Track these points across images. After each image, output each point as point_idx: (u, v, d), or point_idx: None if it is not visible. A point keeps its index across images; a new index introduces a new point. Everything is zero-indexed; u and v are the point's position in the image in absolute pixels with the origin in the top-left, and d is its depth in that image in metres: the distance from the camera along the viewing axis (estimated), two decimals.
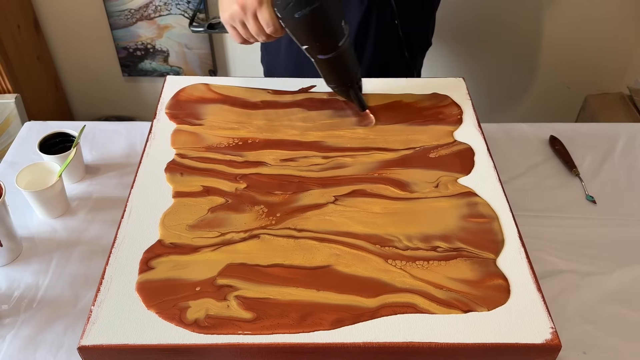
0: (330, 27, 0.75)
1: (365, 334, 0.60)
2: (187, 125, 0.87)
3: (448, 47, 1.84)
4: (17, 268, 0.82)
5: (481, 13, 1.74)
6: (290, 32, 0.76)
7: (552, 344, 0.59)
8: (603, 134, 1.08)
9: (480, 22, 1.76)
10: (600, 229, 0.90)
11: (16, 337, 0.74)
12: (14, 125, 1.72)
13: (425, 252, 0.69)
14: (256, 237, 0.70)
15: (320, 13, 0.72)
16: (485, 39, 1.79)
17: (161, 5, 1.81)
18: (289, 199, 0.75)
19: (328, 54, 0.77)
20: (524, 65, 1.93)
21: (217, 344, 0.59)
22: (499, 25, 1.78)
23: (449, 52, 1.86)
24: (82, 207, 0.92)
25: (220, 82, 0.96)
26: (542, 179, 0.99)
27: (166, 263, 0.67)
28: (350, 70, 0.82)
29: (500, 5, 1.71)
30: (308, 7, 0.71)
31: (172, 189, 0.77)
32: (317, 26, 0.74)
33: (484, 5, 1.72)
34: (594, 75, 1.95)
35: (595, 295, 0.80)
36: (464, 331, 0.60)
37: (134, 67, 1.98)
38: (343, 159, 0.81)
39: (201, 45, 1.90)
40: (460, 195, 0.76)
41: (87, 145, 1.03)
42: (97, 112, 2.12)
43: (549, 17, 1.81)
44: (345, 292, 0.64)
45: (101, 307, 0.62)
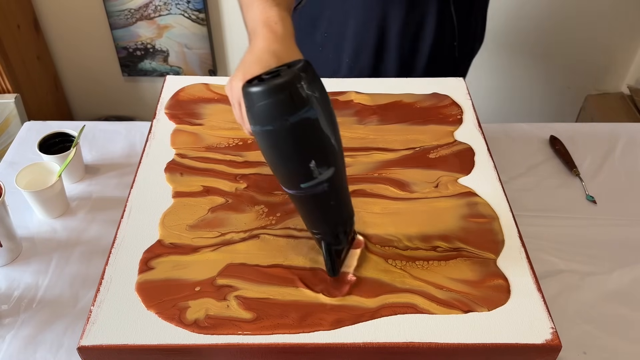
0: (286, 161, 0.58)
1: (365, 334, 0.60)
2: (186, 125, 0.87)
3: None
4: (16, 268, 0.82)
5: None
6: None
7: (552, 344, 0.59)
8: (603, 134, 1.08)
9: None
10: (600, 229, 0.90)
11: (16, 337, 0.74)
12: (13, 125, 1.72)
13: (425, 252, 0.69)
14: (256, 237, 0.70)
15: (272, 139, 0.56)
16: (486, 40, 1.79)
17: (161, 5, 1.81)
18: (289, 199, 0.75)
19: (287, 189, 0.61)
20: (524, 65, 1.93)
21: (217, 344, 0.59)
22: (499, 25, 1.78)
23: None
24: (81, 207, 0.92)
25: (220, 82, 0.96)
26: (542, 179, 0.99)
27: (166, 263, 0.67)
28: (317, 220, 0.64)
29: (500, 5, 1.71)
30: (260, 126, 0.56)
31: (172, 189, 0.76)
32: (268, 152, 0.58)
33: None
34: (594, 75, 1.95)
35: (596, 295, 0.80)
36: (464, 331, 0.60)
37: (133, 67, 1.98)
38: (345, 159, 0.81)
39: (201, 45, 1.90)
40: (460, 195, 0.76)
41: (87, 145, 1.03)
42: (96, 112, 2.12)
43: (548, 17, 1.81)
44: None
45: (101, 307, 0.62)
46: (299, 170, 0.58)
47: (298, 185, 0.59)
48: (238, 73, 0.62)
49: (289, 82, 0.53)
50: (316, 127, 0.56)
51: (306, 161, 0.57)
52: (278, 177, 0.61)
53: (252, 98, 0.55)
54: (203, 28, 1.85)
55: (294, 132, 0.55)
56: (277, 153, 0.58)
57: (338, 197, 0.62)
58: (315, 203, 0.61)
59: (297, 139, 0.56)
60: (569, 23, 1.82)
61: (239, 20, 2.10)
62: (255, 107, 0.55)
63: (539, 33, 1.85)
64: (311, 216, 0.64)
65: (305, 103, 0.54)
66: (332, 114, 0.58)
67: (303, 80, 0.54)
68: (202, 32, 1.86)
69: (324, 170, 0.58)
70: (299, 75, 0.54)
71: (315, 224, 0.64)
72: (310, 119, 0.55)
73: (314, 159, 0.57)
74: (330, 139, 0.57)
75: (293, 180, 0.59)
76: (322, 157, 0.57)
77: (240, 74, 0.61)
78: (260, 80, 0.56)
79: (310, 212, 0.63)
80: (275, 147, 0.57)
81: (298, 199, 0.61)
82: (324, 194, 0.60)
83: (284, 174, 0.60)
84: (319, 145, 0.57)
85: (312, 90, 0.55)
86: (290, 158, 0.57)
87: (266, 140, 0.57)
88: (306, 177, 0.58)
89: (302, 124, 0.54)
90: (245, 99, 0.56)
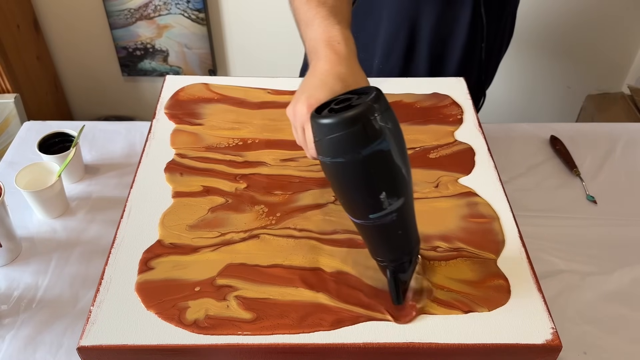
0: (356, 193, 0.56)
1: (365, 334, 0.60)
2: (186, 125, 0.87)
3: None
4: (16, 268, 0.82)
5: None
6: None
7: (553, 344, 0.59)
8: (603, 134, 1.08)
9: None
10: (600, 229, 0.90)
11: (16, 337, 0.74)
12: (13, 125, 1.72)
13: (426, 252, 0.69)
14: (256, 237, 0.70)
15: (342, 172, 0.55)
16: None
17: (161, 4, 1.81)
18: (289, 199, 0.75)
19: (354, 218, 0.59)
20: (524, 65, 1.93)
21: (216, 344, 0.59)
22: None
23: None
24: (81, 207, 0.92)
25: (220, 82, 0.96)
26: (542, 179, 0.99)
27: (166, 263, 0.67)
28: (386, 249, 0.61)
29: None
30: (330, 157, 0.54)
31: (171, 189, 0.76)
32: (337, 183, 0.57)
33: None
34: (594, 75, 1.95)
35: (596, 295, 0.80)
36: (465, 331, 0.60)
37: (133, 67, 1.98)
38: None
39: (201, 45, 1.90)
40: (460, 195, 0.76)
41: (87, 145, 1.03)
42: (96, 112, 2.12)
43: (548, 17, 1.81)
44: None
45: (100, 307, 0.62)
46: (369, 201, 0.56)
47: (367, 216, 0.57)
48: (301, 97, 0.60)
49: (363, 114, 0.51)
50: (388, 159, 0.54)
51: (376, 193, 0.55)
52: (345, 206, 0.59)
53: (322, 129, 0.53)
54: (203, 28, 1.85)
55: (366, 165, 0.53)
56: (346, 184, 0.56)
57: (405, 226, 0.59)
58: (382, 233, 0.59)
59: (368, 171, 0.53)
60: (569, 23, 1.82)
61: (239, 20, 2.10)
62: (325, 138, 0.53)
63: (539, 33, 1.85)
64: (377, 245, 0.61)
65: (378, 135, 0.52)
66: (403, 144, 0.56)
67: (376, 112, 0.52)
68: (202, 32, 1.86)
69: (394, 201, 0.56)
70: (372, 107, 0.52)
71: (380, 252, 0.61)
72: (383, 151, 0.53)
73: (384, 190, 0.55)
74: (401, 169, 0.55)
75: (361, 211, 0.57)
76: (392, 189, 0.55)
77: (304, 99, 0.59)
78: (331, 111, 0.54)
79: (377, 241, 0.61)
80: (345, 178, 0.55)
81: (364, 228, 0.59)
82: (392, 223, 0.57)
83: (352, 205, 0.58)
84: (390, 176, 0.55)
85: (385, 122, 0.52)
86: (360, 190, 0.55)
87: (335, 171, 0.55)
88: (375, 208, 0.56)
89: (374, 156, 0.52)
90: (315, 129, 0.54)
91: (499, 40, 1.09)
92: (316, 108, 0.56)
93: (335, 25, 0.65)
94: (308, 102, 0.58)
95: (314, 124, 0.54)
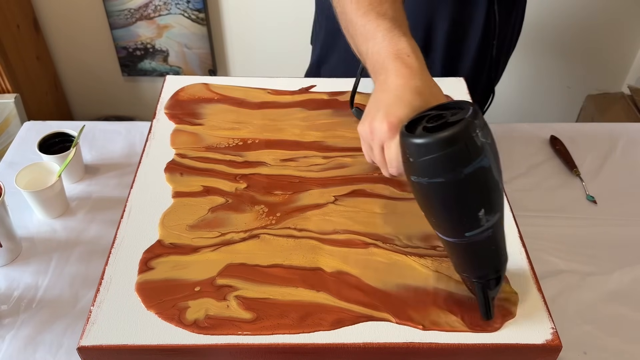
0: (454, 212, 0.54)
1: (365, 334, 0.60)
2: (186, 125, 0.87)
3: None
4: (16, 268, 0.82)
5: None
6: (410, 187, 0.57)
7: (553, 344, 0.59)
8: (603, 134, 1.08)
9: None
10: (600, 229, 0.90)
11: (16, 337, 0.74)
12: (13, 125, 1.72)
13: (426, 251, 0.69)
14: (256, 237, 0.70)
15: (441, 191, 0.53)
16: None
17: (161, 4, 1.81)
18: (289, 199, 0.75)
19: (447, 237, 0.57)
20: (524, 65, 1.93)
21: (216, 344, 0.59)
22: None
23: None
24: (81, 207, 0.92)
25: (220, 82, 0.96)
26: (542, 179, 0.99)
27: (166, 263, 0.67)
28: (478, 266, 0.59)
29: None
30: (427, 178, 0.52)
31: (171, 189, 0.76)
32: (433, 203, 0.55)
33: None
34: (594, 75, 1.95)
35: (596, 295, 0.80)
36: (464, 331, 0.60)
37: (133, 67, 1.98)
38: (343, 159, 0.81)
39: (201, 45, 1.90)
40: None
41: (87, 145, 1.03)
42: (96, 112, 2.12)
43: (548, 17, 1.81)
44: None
45: (100, 307, 0.62)
46: (466, 220, 0.54)
47: (462, 235, 0.55)
48: (377, 114, 0.57)
49: (465, 131, 0.49)
50: (488, 175, 0.52)
51: (476, 211, 0.53)
52: (437, 225, 0.57)
53: (420, 150, 0.50)
54: (203, 28, 1.85)
55: (467, 184, 0.51)
56: (444, 204, 0.54)
57: (497, 242, 0.57)
58: (475, 250, 0.57)
59: (468, 189, 0.52)
60: (569, 23, 1.82)
61: (239, 20, 2.09)
62: (423, 159, 0.51)
63: (539, 33, 1.85)
64: (468, 262, 0.59)
65: (480, 153, 0.50)
66: (499, 157, 0.54)
67: (477, 128, 0.50)
68: (202, 32, 1.86)
69: (491, 217, 0.54)
70: (473, 123, 0.50)
71: (470, 269, 0.59)
72: (484, 168, 0.51)
73: (483, 207, 0.53)
74: (499, 184, 0.53)
75: (457, 230, 0.55)
76: (491, 205, 0.53)
77: (382, 116, 0.57)
78: (425, 129, 0.52)
79: (469, 258, 0.59)
80: (443, 198, 0.53)
81: (456, 246, 0.57)
82: (487, 239, 0.55)
83: (447, 224, 0.56)
84: (489, 192, 0.53)
85: (485, 137, 0.51)
86: (458, 209, 0.54)
87: (433, 191, 0.53)
88: (472, 225, 0.54)
89: (475, 174, 0.51)
90: (409, 149, 0.52)
91: (509, 36, 1.08)
92: (405, 126, 0.54)
93: (401, 37, 0.62)
94: (388, 120, 0.56)
95: (408, 144, 0.52)
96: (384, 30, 0.63)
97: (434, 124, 0.52)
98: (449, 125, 0.50)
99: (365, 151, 0.64)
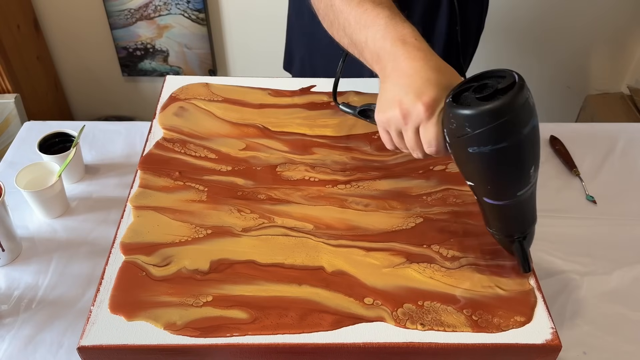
0: (513, 173, 0.57)
1: (365, 334, 0.60)
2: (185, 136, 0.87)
3: None
4: (16, 268, 0.82)
5: None
6: (455, 161, 0.60)
7: (553, 344, 0.59)
8: (603, 134, 1.08)
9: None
10: (600, 229, 0.90)
11: (16, 337, 0.74)
12: (13, 125, 1.72)
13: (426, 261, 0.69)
14: (256, 237, 0.70)
15: (504, 156, 0.55)
16: (485, 39, 1.79)
17: (161, 5, 1.81)
18: (289, 198, 0.75)
19: (498, 201, 0.60)
20: (524, 65, 1.93)
21: (216, 344, 0.59)
22: (499, 25, 1.78)
23: None
24: (81, 207, 0.92)
25: (220, 82, 0.96)
26: (542, 179, 0.98)
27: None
28: (521, 222, 0.63)
29: (500, 5, 1.71)
30: (491, 145, 0.54)
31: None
32: (495, 169, 0.57)
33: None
34: (594, 75, 1.95)
35: (596, 295, 0.80)
36: (464, 331, 0.60)
37: (133, 67, 1.98)
38: (343, 158, 0.81)
39: (201, 45, 1.90)
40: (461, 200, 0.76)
41: (87, 145, 1.03)
42: (96, 112, 2.12)
43: (548, 16, 1.81)
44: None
45: (101, 307, 0.62)
46: (520, 179, 0.57)
47: (515, 194, 0.58)
48: (407, 98, 0.58)
49: (524, 94, 0.53)
50: (537, 132, 0.56)
51: (529, 168, 0.57)
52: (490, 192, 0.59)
53: (484, 119, 0.53)
54: (203, 28, 1.85)
55: (525, 143, 0.55)
56: (503, 168, 0.56)
57: (535, 197, 0.61)
58: (521, 208, 0.60)
59: (527, 149, 0.55)
60: (569, 23, 1.82)
61: (239, 20, 2.09)
62: (486, 127, 0.53)
63: (539, 33, 1.85)
64: (513, 221, 0.62)
65: (533, 112, 0.54)
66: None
67: (528, 90, 0.54)
68: (202, 32, 1.86)
69: (536, 173, 0.58)
70: (525, 86, 0.53)
71: (515, 228, 0.63)
72: (536, 127, 0.55)
73: (534, 164, 0.57)
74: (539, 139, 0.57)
75: (511, 191, 0.58)
76: (537, 160, 0.57)
77: (413, 98, 0.58)
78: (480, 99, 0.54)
79: (514, 217, 0.62)
80: (504, 162, 0.56)
81: (504, 208, 0.60)
82: (531, 195, 0.60)
83: (502, 188, 0.59)
84: (539, 149, 0.57)
85: (533, 98, 0.55)
86: (517, 169, 0.56)
87: (493, 158, 0.55)
88: (524, 184, 0.58)
89: (531, 133, 0.54)
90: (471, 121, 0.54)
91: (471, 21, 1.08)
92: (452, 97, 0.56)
93: (404, 23, 0.63)
94: (422, 101, 0.57)
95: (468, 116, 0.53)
96: (385, 17, 0.64)
97: (485, 94, 0.54)
98: (500, 93, 0.53)
99: (390, 139, 0.64)
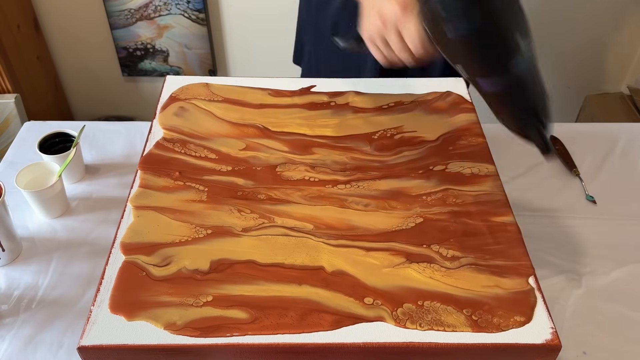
0: (498, 37, 0.61)
1: (365, 334, 0.60)
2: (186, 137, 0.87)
3: None
4: (17, 268, 0.82)
5: None
6: (442, 52, 0.63)
7: (552, 344, 0.59)
8: (603, 134, 1.08)
9: None
10: (600, 229, 0.90)
11: (16, 337, 0.74)
12: (13, 125, 1.72)
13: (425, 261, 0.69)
14: (256, 237, 0.70)
15: (482, 34, 0.60)
16: None
17: (161, 5, 1.81)
18: (289, 198, 0.75)
19: (495, 80, 0.63)
20: None
21: (216, 344, 0.59)
22: None
23: None
24: (81, 207, 0.92)
25: (220, 82, 0.96)
26: (542, 179, 0.99)
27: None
28: (530, 101, 0.64)
29: None
30: (466, 25, 0.59)
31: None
32: (481, 39, 0.61)
33: None
34: (594, 75, 1.95)
35: (595, 295, 0.80)
36: (464, 331, 0.60)
37: (133, 67, 1.98)
38: (343, 158, 0.81)
39: (201, 45, 1.90)
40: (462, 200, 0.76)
41: (87, 145, 1.03)
42: (96, 112, 2.12)
43: (548, 16, 1.81)
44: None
45: (101, 307, 0.62)
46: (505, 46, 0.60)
47: (507, 68, 0.61)
48: (383, 3, 0.60)
49: None
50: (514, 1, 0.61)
51: (512, 34, 0.60)
52: (482, 71, 0.62)
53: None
54: (203, 28, 1.85)
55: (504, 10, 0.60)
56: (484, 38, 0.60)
57: (539, 74, 0.63)
58: (523, 86, 0.62)
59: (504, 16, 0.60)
60: (568, 23, 1.82)
61: (239, 20, 2.09)
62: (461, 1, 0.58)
63: (539, 33, 1.85)
64: (522, 102, 0.64)
65: None
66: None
67: None
68: (202, 32, 1.86)
69: (524, 42, 0.61)
70: None
71: (524, 109, 0.64)
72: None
73: (517, 30, 0.61)
74: (523, 9, 0.61)
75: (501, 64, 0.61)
76: (524, 28, 0.61)
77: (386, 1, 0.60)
78: None
79: (520, 96, 0.63)
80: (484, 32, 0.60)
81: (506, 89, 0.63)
82: (530, 70, 0.62)
83: (490, 60, 0.62)
84: (522, 17, 0.62)
85: None
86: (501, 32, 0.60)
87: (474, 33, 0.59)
88: (512, 52, 0.60)
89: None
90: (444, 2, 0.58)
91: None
92: None
93: None
94: (396, 1, 0.59)
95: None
96: None
97: None
98: None
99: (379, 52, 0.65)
